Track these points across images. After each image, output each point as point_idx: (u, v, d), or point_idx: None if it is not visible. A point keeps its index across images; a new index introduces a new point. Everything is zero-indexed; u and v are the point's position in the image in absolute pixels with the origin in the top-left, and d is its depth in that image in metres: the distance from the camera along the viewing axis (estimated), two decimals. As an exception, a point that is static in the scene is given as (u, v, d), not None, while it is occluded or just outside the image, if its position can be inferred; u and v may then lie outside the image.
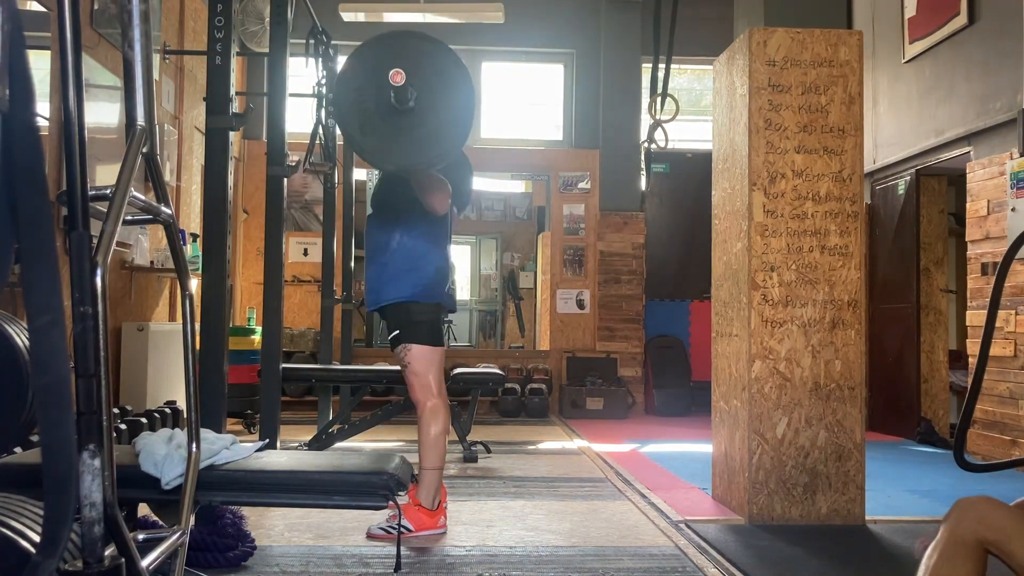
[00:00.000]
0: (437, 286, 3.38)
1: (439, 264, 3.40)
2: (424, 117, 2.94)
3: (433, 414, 3.31)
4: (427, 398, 3.32)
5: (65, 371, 1.18)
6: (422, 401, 3.33)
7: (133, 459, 2.56)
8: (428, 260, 3.37)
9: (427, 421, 3.31)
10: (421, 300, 3.34)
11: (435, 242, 3.40)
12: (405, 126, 2.94)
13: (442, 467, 3.34)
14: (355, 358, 6.96)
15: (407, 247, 3.35)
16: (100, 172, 4.91)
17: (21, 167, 1.17)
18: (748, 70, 3.70)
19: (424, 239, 3.37)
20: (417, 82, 2.88)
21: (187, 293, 2.01)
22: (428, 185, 3.23)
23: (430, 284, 3.35)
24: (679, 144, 8.25)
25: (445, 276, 3.43)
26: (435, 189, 3.25)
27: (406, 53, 2.94)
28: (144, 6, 1.71)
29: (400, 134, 2.95)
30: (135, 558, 1.42)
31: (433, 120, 2.95)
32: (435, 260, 3.39)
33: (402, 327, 3.35)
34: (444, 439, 3.35)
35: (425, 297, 3.35)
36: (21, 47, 1.17)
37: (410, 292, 3.33)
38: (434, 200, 3.27)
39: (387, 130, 2.95)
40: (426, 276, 3.35)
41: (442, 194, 3.27)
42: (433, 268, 3.37)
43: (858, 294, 3.71)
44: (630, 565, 2.93)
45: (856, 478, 3.64)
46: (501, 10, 7.32)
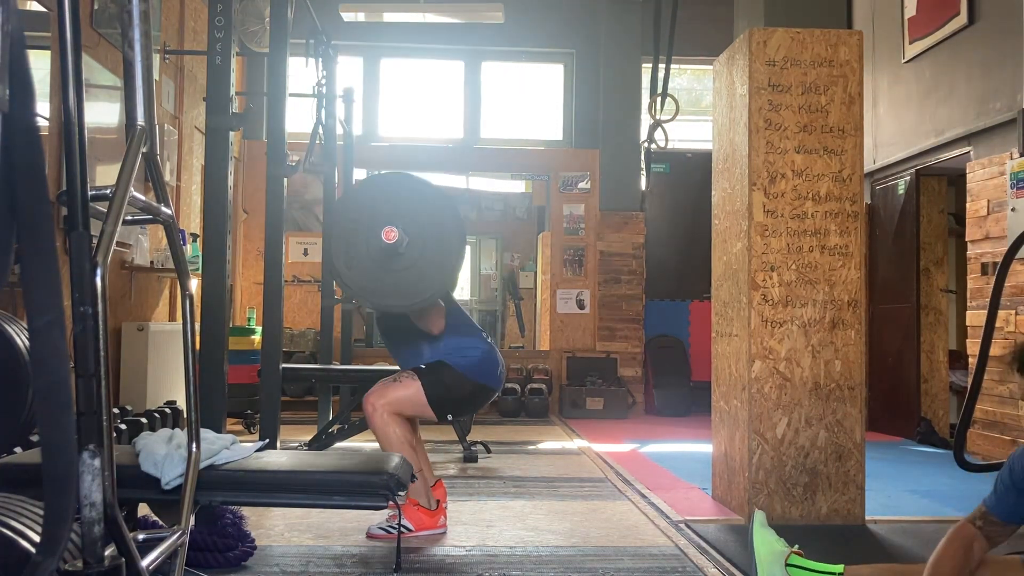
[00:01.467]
0: (485, 367, 3.33)
1: (483, 349, 3.35)
2: (416, 258, 3.00)
3: (383, 423, 3.20)
4: (376, 410, 3.20)
5: (65, 371, 1.18)
6: (371, 409, 3.20)
7: (133, 459, 2.56)
8: (471, 348, 3.33)
9: (381, 430, 3.21)
10: (467, 375, 3.28)
11: (465, 334, 3.37)
12: (397, 268, 3.02)
13: (420, 468, 3.26)
14: (355, 358, 6.95)
15: (443, 353, 3.31)
16: (100, 172, 4.91)
17: (21, 167, 1.17)
18: (748, 70, 3.70)
19: (454, 341, 3.33)
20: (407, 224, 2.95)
21: (187, 293, 2.01)
22: (421, 315, 3.24)
23: (477, 365, 3.31)
24: (679, 144, 8.26)
25: (493, 359, 3.37)
26: (430, 315, 3.26)
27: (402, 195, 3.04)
28: (144, 6, 1.71)
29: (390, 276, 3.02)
30: (135, 558, 1.42)
31: (424, 261, 3.01)
32: (478, 347, 3.35)
33: (432, 370, 3.27)
34: (408, 443, 3.23)
35: (472, 374, 3.29)
36: (21, 47, 1.17)
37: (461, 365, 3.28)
38: (429, 325, 3.28)
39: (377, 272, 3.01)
40: (474, 359, 3.31)
41: (436, 317, 3.28)
42: (480, 353, 3.33)
43: (858, 294, 3.71)
44: (630, 565, 2.93)
45: (856, 478, 3.64)
46: (501, 10, 7.32)
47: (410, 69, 8.81)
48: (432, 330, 3.29)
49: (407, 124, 8.68)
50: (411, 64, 8.81)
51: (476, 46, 8.54)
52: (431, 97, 8.78)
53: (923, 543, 3.32)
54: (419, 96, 8.78)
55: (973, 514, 2.15)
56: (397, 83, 8.71)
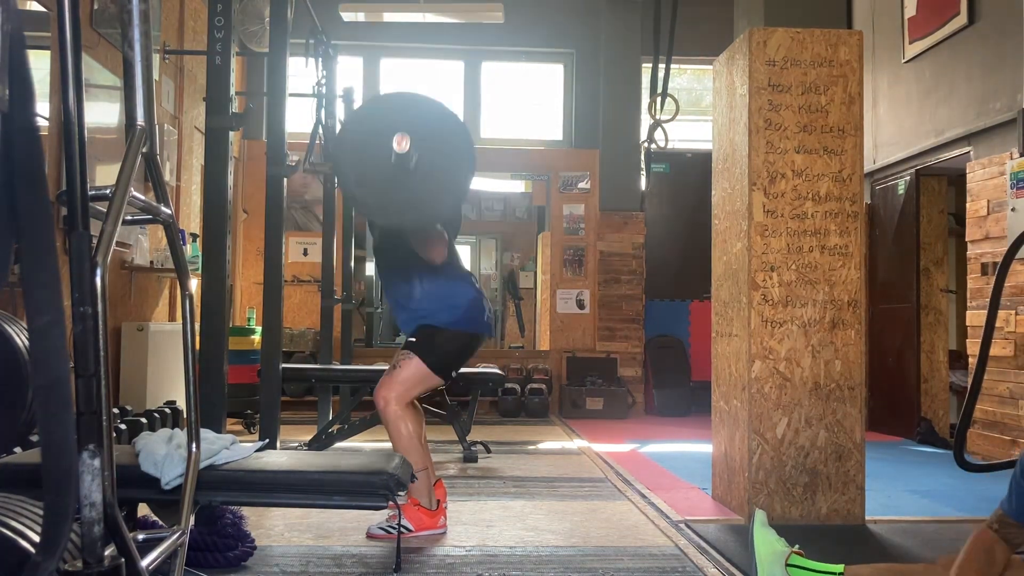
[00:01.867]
0: (473, 314, 3.34)
1: (472, 295, 3.37)
2: (425, 176, 2.95)
3: (398, 418, 3.22)
4: (387, 405, 3.21)
5: (65, 371, 1.18)
6: (382, 407, 3.22)
7: (133, 459, 2.56)
8: (459, 294, 3.34)
9: (394, 425, 3.22)
10: (455, 328, 3.30)
11: (457, 277, 3.38)
12: (406, 185, 2.96)
13: (426, 467, 3.28)
14: (355, 358, 6.95)
15: (431, 292, 3.33)
16: (100, 172, 4.91)
17: (21, 167, 1.17)
18: (748, 70, 3.70)
19: (445, 278, 3.34)
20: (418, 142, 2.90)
21: (187, 293, 2.01)
22: (424, 240, 3.24)
23: (464, 314, 3.32)
24: (679, 144, 8.26)
25: (480, 305, 3.39)
26: (432, 243, 3.25)
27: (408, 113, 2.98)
28: (144, 6, 1.71)
29: (401, 194, 2.96)
30: (135, 558, 1.42)
31: (433, 179, 2.96)
32: (466, 293, 3.36)
33: (421, 339, 3.30)
34: (418, 440, 3.25)
35: (461, 325, 3.31)
36: (21, 47, 1.17)
37: (447, 320, 3.30)
38: (431, 252, 3.27)
39: (386, 188, 2.96)
40: (460, 308, 3.32)
41: (438, 246, 3.27)
42: (466, 300, 3.34)
43: (858, 294, 3.71)
44: (630, 565, 2.93)
45: (856, 478, 3.64)
46: (501, 10, 7.32)
47: (410, 69, 8.81)
48: (435, 259, 3.27)
49: (407, 124, 8.66)
50: (411, 64, 8.81)
51: (476, 46, 8.54)
52: (431, 97, 8.77)
53: (923, 543, 3.32)
54: (419, 96, 8.76)
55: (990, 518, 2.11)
56: (397, 83, 8.71)
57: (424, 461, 3.26)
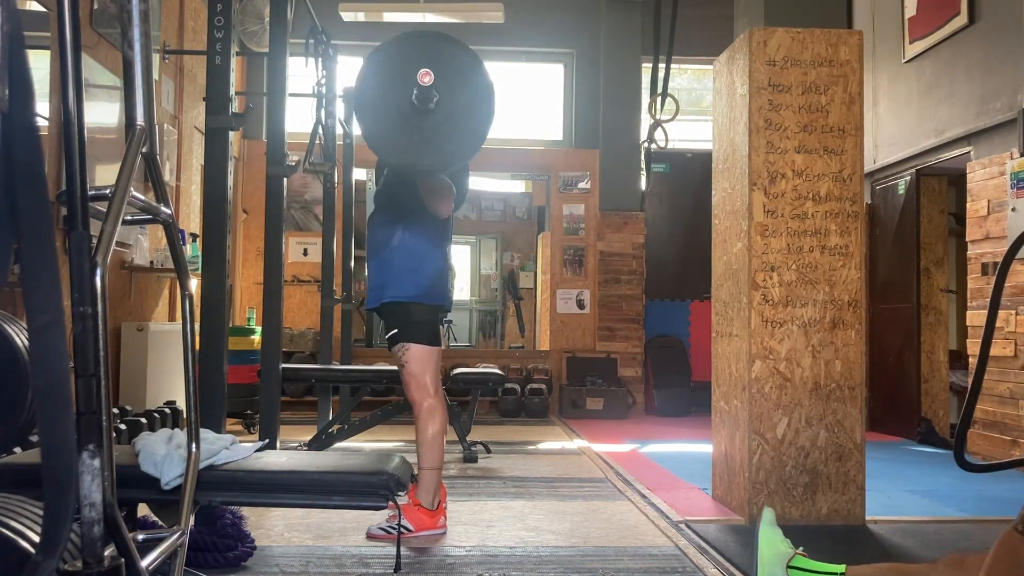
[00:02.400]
0: (437, 288, 3.38)
1: (439, 266, 3.40)
2: (444, 119, 2.92)
3: (430, 413, 3.30)
4: (424, 398, 3.31)
5: (65, 371, 1.18)
6: (419, 401, 3.32)
7: (133, 459, 2.56)
8: (429, 261, 3.36)
9: (424, 421, 3.30)
10: (421, 301, 3.34)
11: (436, 243, 3.40)
12: (424, 127, 2.93)
13: (440, 467, 3.33)
14: (355, 358, 6.95)
15: (409, 246, 3.35)
16: (100, 172, 4.91)
17: (21, 167, 1.17)
18: (748, 70, 3.70)
19: (426, 239, 3.36)
20: (439, 83, 2.86)
21: (187, 293, 2.01)
22: (435, 188, 3.23)
23: (431, 286, 3.35)
24: (679, 144, 8.26)
25: (445, 278, 3.43)
26: (441, 193, 3.25)
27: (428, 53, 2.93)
28: (144, 6, 1.71)
29: (417, 133, 2.93)
30: (135, 558, 1.42)
31: (452, 124, 2.93)
32: (436, 262, 3.39)
33: (401, 326, 3.35)
34: (442, 438, 3.34)
35: (426, 298, 3.34)
36: (21, 47, 1.17)
37: (412, 292, 3.33)
38: (439, 204, 3.28)
39: (404, 128, 2.93)
40: (427, 277, 3.35)
41: (447, 199, 3.28)
42: (433, 270, 3.37)
43: (858, 294, 3.71)
44: (630, 565, 2.93)
45: (856, 478, 3.64)
46: (501, 10, 7.32)
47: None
48: (441, 211, 3.28)
49: (407, 124, 8.66)
50: (411, 64, 8.79)
51: (476, 46, 8.48)
52: (431, 97, 8.76)
53: (923, 543, 3.32)
54: (419, 96, 8.76)
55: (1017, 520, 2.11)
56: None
57: (441, 460, 3.34)
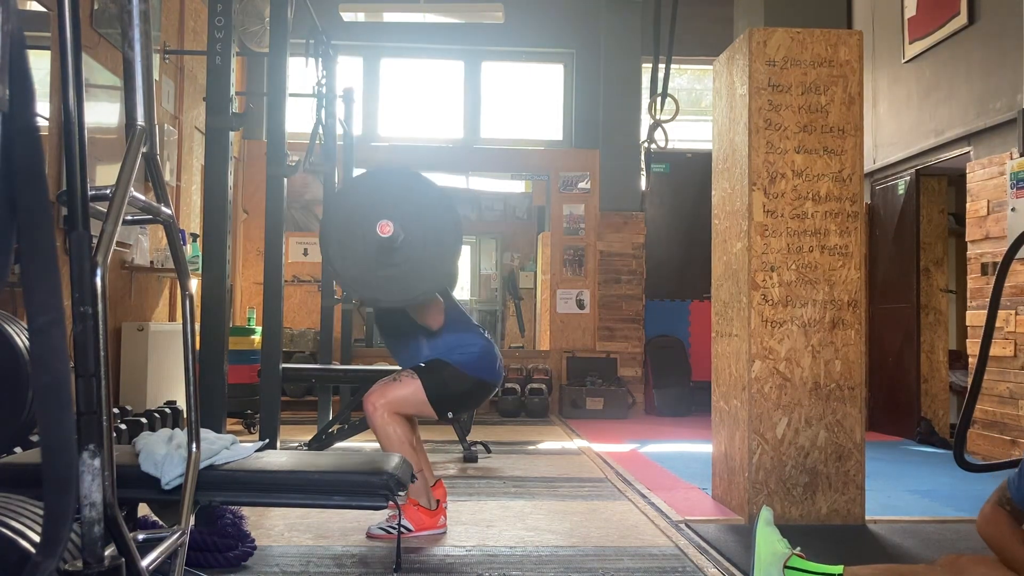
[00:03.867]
0: (485, 363, 3.31)
1: (481, 344, 3.33)
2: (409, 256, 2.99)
3: (383, 422, 3.19)
4: (376, 410, 3.18)
5: (65, 371, 1.18)
6: (372, 408, 3.19)
7: (133, 459, 2.56)
8: (467, 345, 3.31)
9: (382, 430, 3.19)
10: (465, 370, 3.26)
11: (463, 330, 3.35)
12: (392, 263, 3.01)
13: (420, 469, 3.25)
14: (355, 358, 6.95)
15: (440, 348, 3.30)
16: (100, 172, 4.91)
17: (21, 167, 1.17)
18: (748, 70, 3.70)
19: (452, 335, 3.31)
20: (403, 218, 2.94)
21: (187, 293, 2.01)
22: (419, 310, 3.24)
23: (478, 361, 3.29)
24: (679, 144, 8.26)
25: (492, 353, 3.36)
26: (428, 311, 3.26)
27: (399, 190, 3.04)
28: (144, 6, 1.71)
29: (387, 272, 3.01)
30: (135, 558, 1.42)
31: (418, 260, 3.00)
32: (474, 342, 3.32)
33: (430, 369, 3.25)
34: (408, 443, 3.22)
35: (471, 370, 3.27)
36: (21, 47, 1.17)
37: (458, 360, 3.27)
38: (428, 320, 3.28)
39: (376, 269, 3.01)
40: (473, 354, 3.29)
41: (435, 312, 3.28)
42: (478, 348, 3.31)
43: (858, 294, 3.71)
44: (630, 565, 2.93)
45: (856, 478, 3.64)
46: (501, 10, 7.32)
47: (410, 69, 8.81)
48: (431, 325, 3.28)
49: (407, 124, 8.68)
50: (411, 64, 8.81)
51: (476, 46, 8.53)
52: (431, 97, 8.78)
53: (923, 543, 3.32)
54: (419, 96, 8.78)
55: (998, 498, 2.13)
56: (397, 83, 8.71)
57: (417, 463, 3.22)
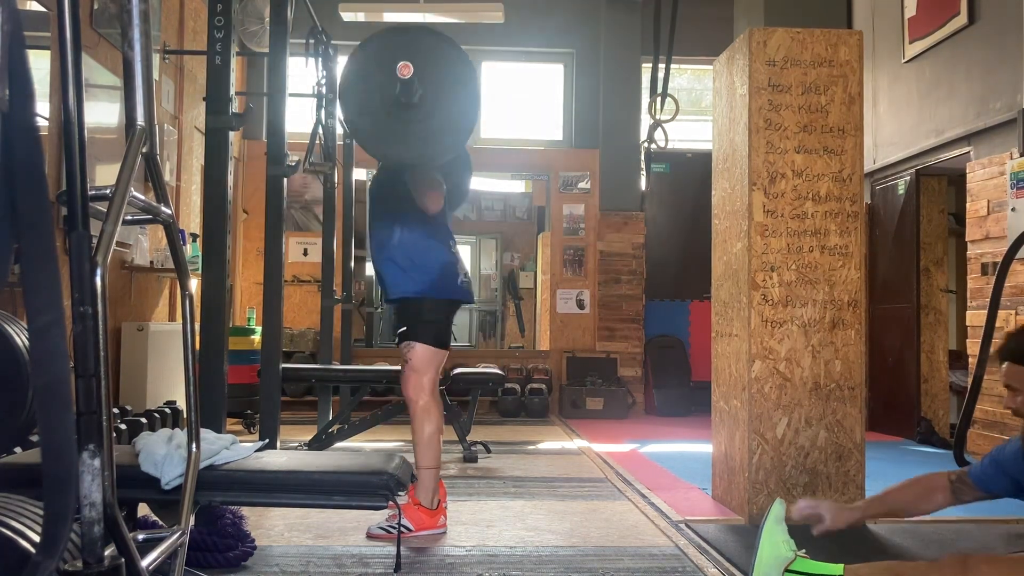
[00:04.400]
0: (445, 281, 3.35)
1: (444, 260, 3.36)
2: (428, 112, 2.95)
3: (425, 412, 3.29)
4: (419, 396, 3.30)
5: (65, 371, 1.18)
6: (414, 399, 3.31)
7: (133, 459, 2.56)
8: (431, 256, 3.34)
9: (420, 420, 3.29)
10: (431, 295, 3.31)
11: (436, 237, 3.37)
12: (409, 120, 2.95)
13: (438, 466, 3.32)
14: (355, 358, 6.95)
15: (407, 243, 3.34)
16: (100, 172, 4.91)
17: (21, 167, 1.17)
18: (748, 70, 3.70)
19: (423, 235, 3.34)
20: (424, 77, 2.89)
21: (187, 293, 2.01)
22: (423, 183, 3.24)
23: (437, 280, 3.33)
24: (679, 144, 8.26)
25: (453, 271, 3.39)
26: (429, 188, 3.25)
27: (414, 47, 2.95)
28: (144, 6, 1.71)
29: (404, 127, 2.96)
30: (135, 558, 1.42)
31: (437, 116, 2.95)
32: (439, 256, 3.36)
33: (410, 324, 3.33)
34: (438, 438, 3.33)
35: (435, 292, 3.32)
36: (21, 47, 1.17)
37: (419, 288, 3.31)
38: (427, 199, 3.27)
39: (391, 123, 2.96)
40: (432, 272, 3.32)
41: (435, 193, 3.28)
42: (438, 264, 3.34)
43: (858, 294, 3.71)
44: (630, 565, 2.93)
45: (856, 478, 3.64)
46: (501, 10, 7.32)
47: (410, 69, 8.79)
48: (429, 207, 3.28)
49: (407, 124, 8.67)
50: (411, 64, 8.79)
51: (476, 46, 8.52)
52: (431, 97, 8.76)
53: (923, 543, 3.32)
54: (419, 96, 8.76)
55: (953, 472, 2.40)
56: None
57: (438, 460, 3.32)
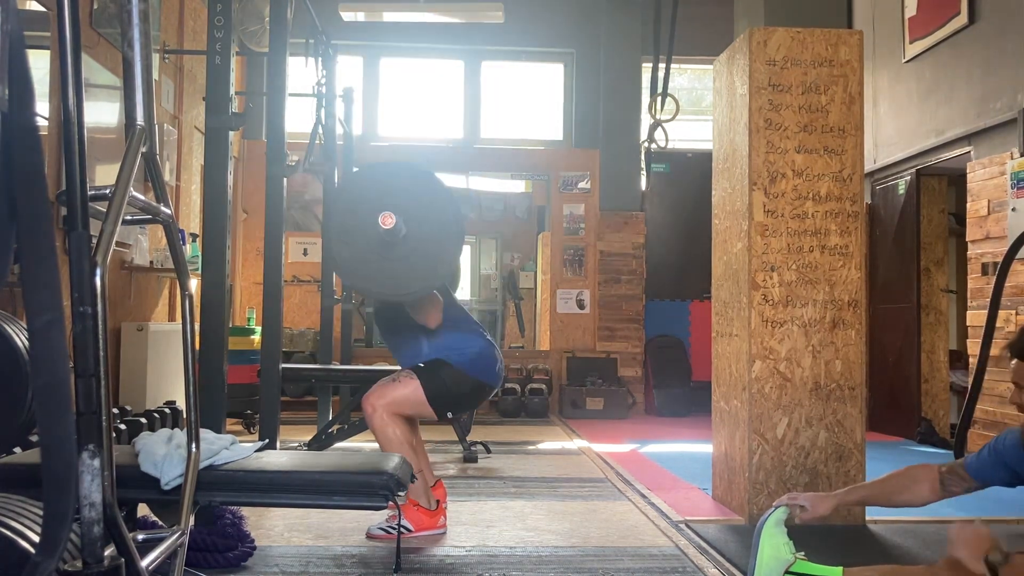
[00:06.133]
0: (484, 364, 3.30)
1: (480, 345, 3.33)
2: (412, 248, 2.99)
3: (383, 423, 3.19)
4: (376, 411, 3.18)
5: (65, 371, 1.18)
6: (371, 410, 3.19)
7: (133, 459, 2.56)
8: (467, 346, 3.30)
9: (379, 430, 3.19)
10: (464, 370, 3.25)
11: (463, 330, 3.34)
12: (394, 257, 3.00)
13: (420, 470, 3.25)
14: (355, 358, 6.95)
15: (439, 346, 3.30)
16: (100, 172, 4.91)
17: (21, 167, 1.17)
18: (748, 70, 3.70)
19: (449, 334, 3.31)
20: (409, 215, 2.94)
21: (187, 293, 2.01)
22: (419, 306, 3.24)
23: (476, 362, 3.28)
24: (679, 144, 8.26)
25: (491, 355, 3.35)
26: (427, 309, 3.25)
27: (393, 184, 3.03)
28: (144, 6, 1.71)
29: (390, 265, 3.01)
30: (135, 558, 1.42)
31: (420, 254, 3.00)
32: (474, 343, 3.32)
33: (429, 369, 3.25)
34: (408, 444, 3.22)
35: (470, 370, 3.26)
36: (21, 47, 1.17)
37: (457, 360, 3.26)
38: (427, 319, 3.27)
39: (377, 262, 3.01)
40: (470, 355, 3.29)
41: (435, 311, 3.27)
42: (476, 349, 3.31)
43: (858, 294, 3.71)
44: (630, 565, 2.93)
45: (856, 478, 3.64)
46: (501, 10, 7.31)
47: (410, 69, 8.81)
48: (429, 324, 3.27)
49: (407, 124, 8.68)
50: (411, 64, 8.80)
51: (476, 46, 8.53)
52: (431, 97, 8.78)
53: (923, 544, 3.32)
54: (419, 96, 8.78)
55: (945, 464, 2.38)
56: (397, 83, 8.71)
57: (417, 464, 3.21)
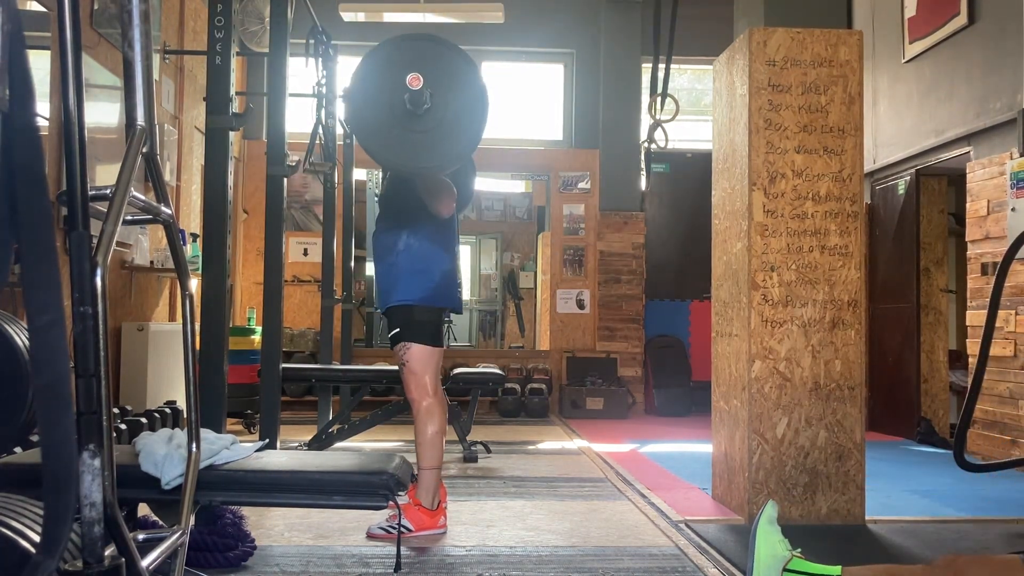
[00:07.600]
0: (444, 290, 3.37)
1: (446, 268, 3.39)
2: (437, 121, 2.95)
3: (428, 413, 3.31)
4: (423, 397, 3.32)
5: (65, 371, 1.18)
6: (417, 400, 3.33)
7: (133, 459, 2.56)
8: (435, 263, 3.36)
9: (423, 420, 3.31)
10: (427, 304, 3.33)
11: (442, 244, 3.39)
12: (417, 128, 2.96)
13: (440, 466, 3.34)
14: (355, 358, 6.95)
15: (413, 249, 3.34)
16: (100, 172, 4.91)
17: (21, 167, 1.17)
18: (748, 70, 3.70)
19: (430, 241, 3.36)
20: (433, 87, 2.90)
21: (187, 293, 2.01)
22: (434, 189, 3.25)
23: (436, 288, 3.35)
24: (679, 144, 8.26)
25: (453, 280, 3.42)
26: (440, 193, 3.26)
27: (421, 56, 2.96)
28: (144, 6, 1.71)
29: (412, 136, 2.96)
30: (135, 558, 1.42)
31: (446, 124, 2.96)
32: (442, 264, 3.38)
33: (402, 326, 3.35)
34: (441, 438, 3.34)
35: (431, 301, 3.34)
36: (21, 47, 1.17)
37: (417, 296, 3.32)
38: (439, 204, 3.28)
39: (399, 132, 2.96)
40: (432, 280, 3.34)
41: (448, 198, 3.29)
42: (439, 272, 3.36)
43: (858, 294, 3.71)
44: (630, 565, 2.93)
45: (856, 478, 3.64)
46: (501, 10, 7.32)
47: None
48: (441, 211, 3.29)
49: (407, 124, 8.66)
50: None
51: (476, 46, 8.52)
52: (431, 97, 8.76)
53: (923, 543, 3.32)
54: (419, 96, 8.76)
55: None
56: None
57: (440, 460, 3.34)
